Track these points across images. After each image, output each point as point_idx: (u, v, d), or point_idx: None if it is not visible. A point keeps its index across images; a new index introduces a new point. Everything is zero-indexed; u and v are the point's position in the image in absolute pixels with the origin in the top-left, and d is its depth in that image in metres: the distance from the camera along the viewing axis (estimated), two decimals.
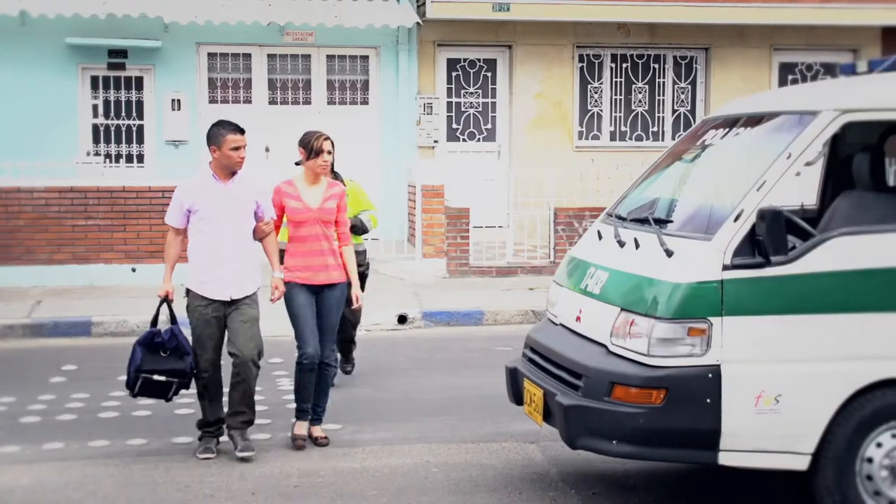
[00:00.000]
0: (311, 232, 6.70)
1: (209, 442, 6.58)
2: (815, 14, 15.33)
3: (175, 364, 6.50)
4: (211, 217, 6.49)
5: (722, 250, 4.94)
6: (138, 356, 6.51)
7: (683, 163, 6.37)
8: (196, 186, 6.58)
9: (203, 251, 6.51)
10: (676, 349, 4.94)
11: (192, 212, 6.52)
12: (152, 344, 6.52)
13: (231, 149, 6.46)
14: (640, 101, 16.04)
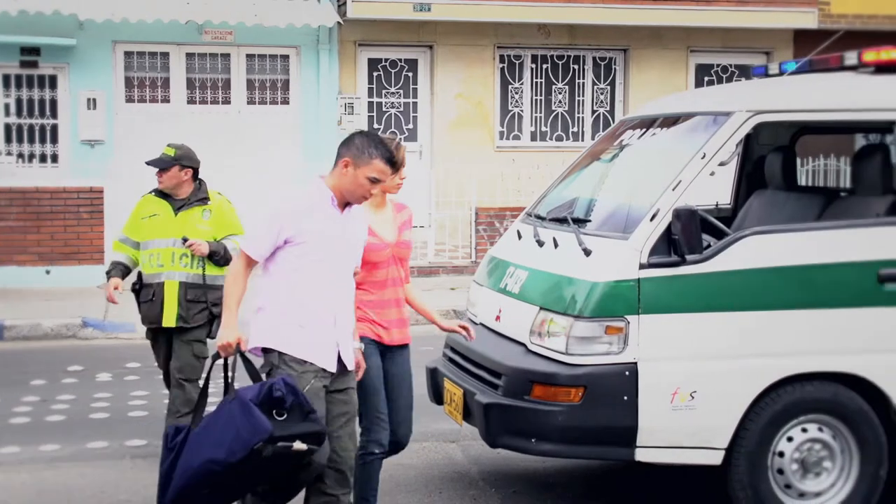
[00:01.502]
0: (389, 275, 5.16)
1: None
2: (729, 17, 15.59)
3: (308, 425, 4.45)
4: (319, 255, 4.63)
5: (638, 249, 5.00)
6: (260, 422, 4.33)
7: (602, 163, 6.44)
8: (305, 209, 4.65)
9: (302, 301, 4.63)
10: (594, 347, 4.98)
11: (290, 242, 4.61)
12: (271, 400, 4.42)
13: (369, 178, 4.63)
14: (561, 102, 16.16)
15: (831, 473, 5.11)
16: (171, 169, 6.32)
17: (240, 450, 4.31)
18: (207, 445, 4.37)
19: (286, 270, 4.64)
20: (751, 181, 6.98)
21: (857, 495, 5.08)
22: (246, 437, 4.32)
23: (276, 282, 4.67)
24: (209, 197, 6.39)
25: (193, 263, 6.20)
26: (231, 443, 4.33)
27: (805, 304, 5.04)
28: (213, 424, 4.44)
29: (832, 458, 5.11)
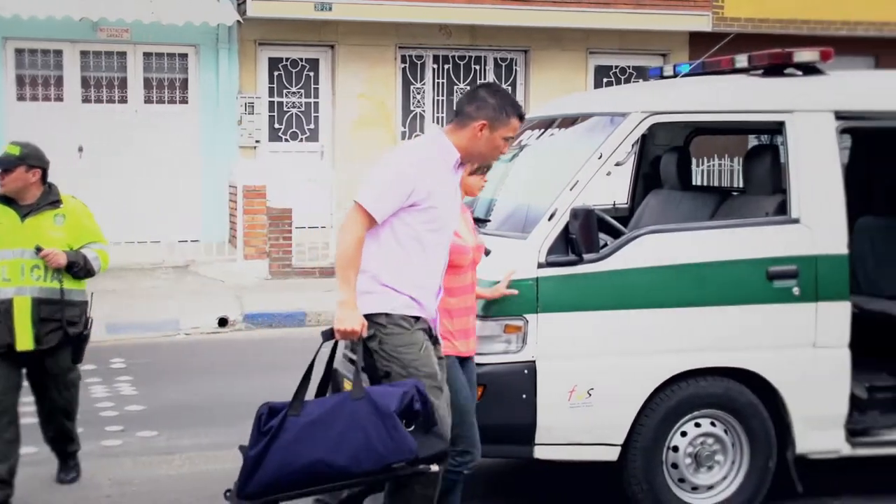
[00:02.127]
0: (468, 281, 4.76)
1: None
2: (627, 19, 15.84)
3: (437, 443, 4.15)
4: (440, 223, 4.29)
5: (537, 249, 5.04)
6: (406, 441, 4.00)
7: (501, 163, 6.45)
8: (434, 170, 4.29)
9: (416, 273, 4.30)
10: (493, 346, 5.01)
11: (415, 206, 4.23)
12: (409, 413, 4.07)
13: (505, 138, 4.44)
14: None
15: (723, 467, 5.22)
16: (16, 169, 5.55)
17: (369, 462, 3.97)
18: (322, 445, 3.97)
19: (404, 236, 4.24)
20: (647, 181, 7.10)
21: (747, 487, 5.20)
22: (383, 453, 3.96)
23: (389, 248, 4.24)
24: (61, 200, 5.70)
25: (48, 276, 5.54)
26: (358, 451, 3.96)
27: (698, 301, 5.14)
28: (329, 421, 4.01)
29: (724, 452, 5.22)
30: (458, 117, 4.43)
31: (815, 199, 5.30)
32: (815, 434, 5.27)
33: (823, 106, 5.40)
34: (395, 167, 4.27)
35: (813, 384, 5.22)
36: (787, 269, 5.17)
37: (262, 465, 4.01)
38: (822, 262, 5.22)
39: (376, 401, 4.01)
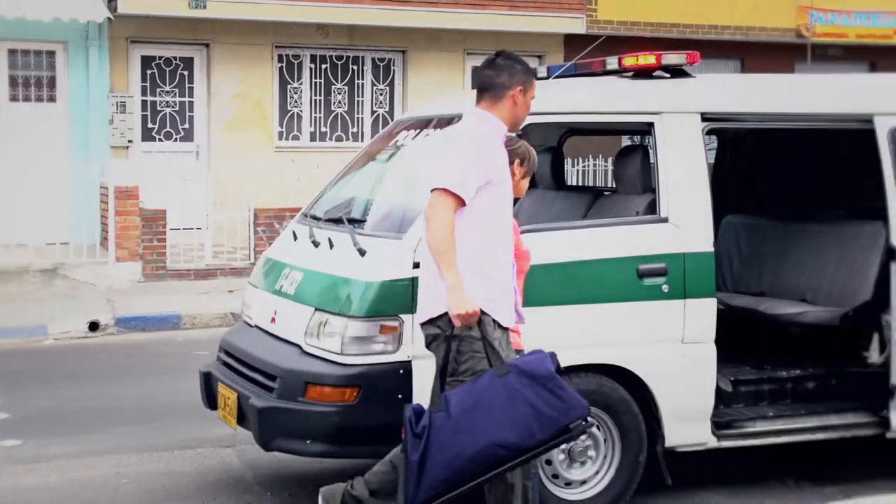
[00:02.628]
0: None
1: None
2: (503, 20, 15.99)
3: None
4: (506, 197, 4.31)
5: (412, 248, 5.03)
6: (576, 398, 4.13)
7: (378, 163, 6.47)
8: (495, 143, 4.36)
9: (493, 250, 4.28)
10: (369, 347, 4.99)
11: (490, 183, 4.24)
12: (559, 373, 4.21)
13: (532, 98, 4.55)
14: (340, 102, 16.16)
15: (596, 462, 5.30)
16: None
17: (544, 430, 3.95)
18: (488, 429, 3.91)
19: (480, 216, 4.20)
20: None
21: (618, 481, 5.30)
22: (556, 416, 3.95)
23: (467, 230, 4.19)
24: None
25: None
26: (529, 423, 3.93)
27: (571, 299, 5.21)
28: (485, 404, 3.96)
29: (596, 447, 5.30)
30: (489, 91, 4.46)
31: (683, 199, 5.43)
32: (683, 427, 5.40)
33: (690, 107, 5.55)
34: (468, 147, 4.26)
35: (681, 379, 5.36)
36: (656, 266, 5.29)
37: (427, 469, 3.95)
38: (689, 260, 5.36)
39: (528, 369, 4.00)
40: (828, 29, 17.67)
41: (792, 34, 17.65)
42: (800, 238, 6.83)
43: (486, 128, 4.40)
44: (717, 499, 5.71)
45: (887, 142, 5.81)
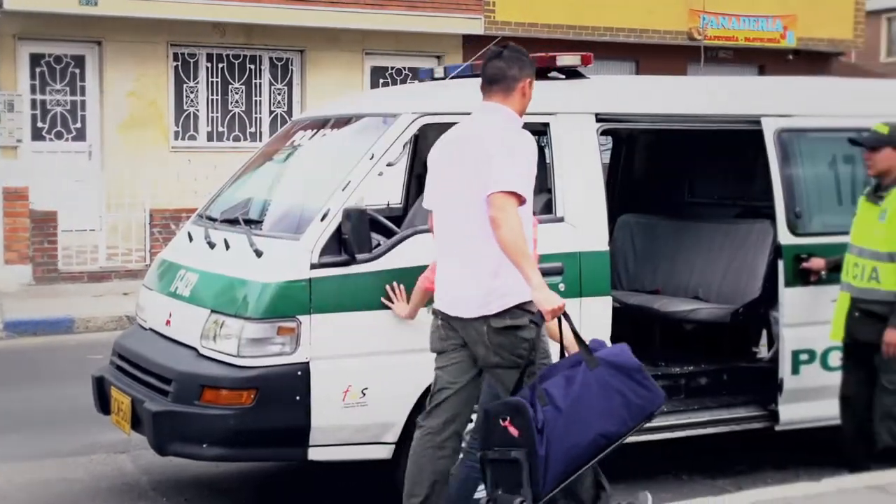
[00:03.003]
0: None
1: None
2: (403, 21, 16.01)
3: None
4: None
5: (310, 249, 5.02)
6: (657, 389, 4.31)
7: (275, 163, 6.42)
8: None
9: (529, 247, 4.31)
10: (266, 349, 4.95)
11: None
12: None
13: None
14: (238, 102, 15.98)
15: None
16: None
17: (634, 418, 4.17)
18: (592, 420, 4.10)
19: (524, 211, 4.26)
20: (420, 181, 7.17)
21: None
22: (643, 405, 4.19)
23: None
24: None
25: None
26: (622, 413, 4.14)
27: None
28: (585, 398, 4.14)
29: None
30: (500, 84, 4.45)
31: (579, 198, 5.50)
32: None
33: (585, 108, 5.62)
34: (522, 146, 4.29)
35: None
36: (552, 266, 5.34)
37: (549, 462, 4.08)
38: (585, 259, 5.43)
39: (617, 362, 4.23)
40: (719, 32, 18.10)
41: (684, 37, 18.03)
42: (693, 237, 6.97)
43: (514, 123, 4.44)
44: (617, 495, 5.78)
45: (774, 142, 5.97)
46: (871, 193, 5.74)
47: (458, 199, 4.39)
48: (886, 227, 5.55)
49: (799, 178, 6.03)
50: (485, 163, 4.27)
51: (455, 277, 4.43)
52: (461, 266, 4.41)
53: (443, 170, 4.52)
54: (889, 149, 5.60)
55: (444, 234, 4.50)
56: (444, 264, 4.52)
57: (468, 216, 4.33)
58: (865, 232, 5.66)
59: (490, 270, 4.30)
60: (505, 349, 4.33)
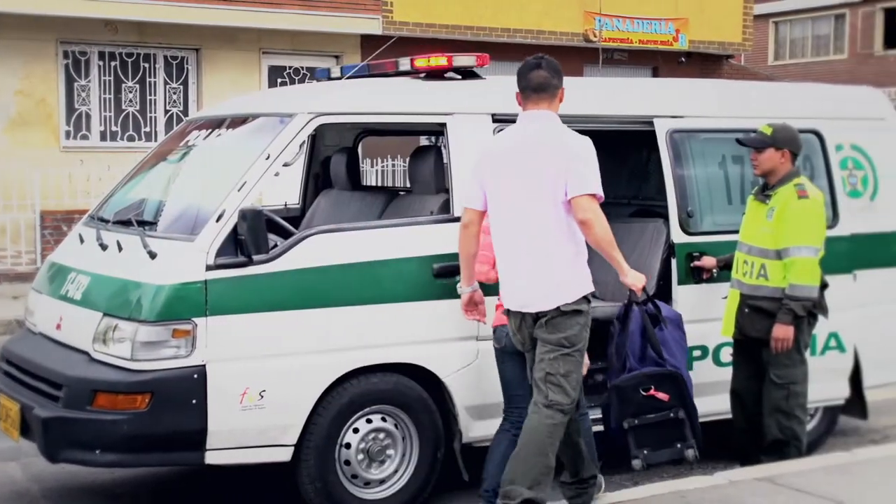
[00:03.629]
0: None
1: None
2: (300, 20, 15.89)
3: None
4: None
5: (205, 251, 4.96)
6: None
7: (169, 164, 6.32)
8: None
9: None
10: (161, 352, 4.88)
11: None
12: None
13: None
14: (132, 101, 15.67)
15: (394, 460, 5.35)
16: None
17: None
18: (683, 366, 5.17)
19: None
20: (318, 181, 7.16)
21: (417, 479, 5.36)
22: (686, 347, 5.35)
23: (570, 233, 4.66)
24: None
25: None
26: (683, 359, 5.24)
27: (368, 299, 5.23)
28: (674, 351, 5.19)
29: (395, 446, 5.35)
30: (546, 92, 4.77)
31: None
32: (480, 423, 5.50)
33: (481, 109, 5.66)
34: (590, 149, 4.67)
35: (476, 376, 5.45)
36: (451, 265, 5.36)
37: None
38: None
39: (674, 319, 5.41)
40: (613, 34, 18.37)
41: (580, 38, 18.26)
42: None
43: (567, 129, 4.77)
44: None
45: (666, 143, 6.09)
46: (758, 192, 5.89)
47: (535, 201, 4.63)
48: (774, 225, 5.70)
49: (691, 177, 6.16)
50: (563, 168, 4.59)
51: (529, 273, 4.69)
52: (534, 262, 4.67)
53: (509, 174, 4.71)
54: (772, 149, 5.75)
55: (515, 233, 4.72)
56: (515, 262, 4.74)
57: (546, 215, 4.63)
58: (754, 230, 5.81)
59: (566, 264, 4.67)
60: (562, 331, 4.65)
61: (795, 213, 5.66)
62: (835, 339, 6.44)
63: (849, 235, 6.51)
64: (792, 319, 5.63)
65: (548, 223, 4.64)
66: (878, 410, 7.35)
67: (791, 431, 5.76)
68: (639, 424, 5.02)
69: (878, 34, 31.63)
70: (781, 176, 5.77)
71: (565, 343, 4.64)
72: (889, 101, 7.21)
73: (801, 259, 5.61)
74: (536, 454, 4.59)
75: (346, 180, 6.67)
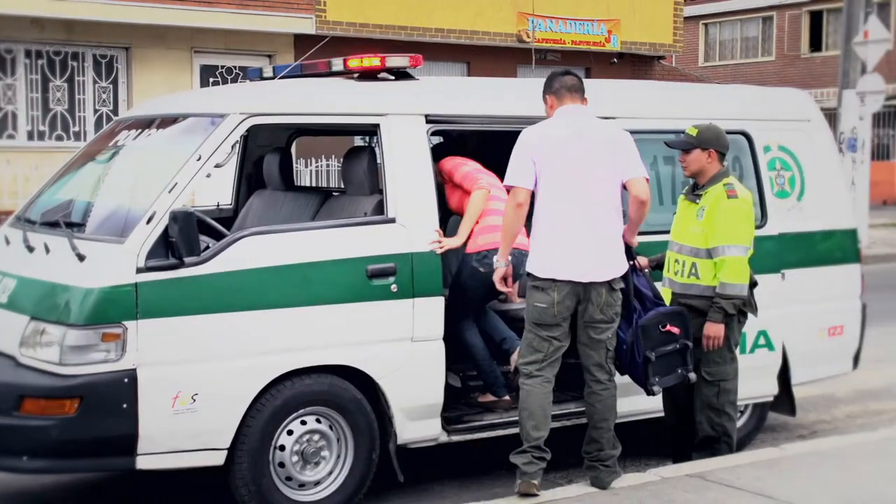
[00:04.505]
0: None
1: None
2: (232, 19, 15.78)
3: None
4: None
5: (135, 253, 4.89)
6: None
7: (98, 164, 6.22)
8: None
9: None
10: (90, 356, 4.80)
11: None
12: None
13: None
14: (60, 100, 15.44)
15: (329, 462, 5.32)
16: None
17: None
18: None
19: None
20: (250, 182, 7.09)
21: (352, 480, 5.33)
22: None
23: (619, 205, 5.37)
24: None
25: None
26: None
27: (301, 301, 5.19)
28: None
29: (329, 447, 5.32)
30: (581, 92, 5.49)
31: (410, 200, 5.52)
32: (415, 424, 5.49)
33: (414, 109, 5.65)
34: (632, 139, 5.43)
35: (411, 377, 5.45)
36: (385, 267, 5.35)
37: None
38: (417, 260, 5.46)
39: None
40: (546, 35, 18.51)
41: (514, 39, 18.36)
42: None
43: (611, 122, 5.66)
44: (450, 491, 5.85)
45: None
46: (689, 192, 5.96)
47: (596, 182, 5.27)
48: (704, 224, 5.78)
49: None
50: (620, 153, 5.32)
51: (588, 247, 5.25)
52: (595, 238, 5.27)
53: (572, 157, 5.27)
54: (698, 150, 5.83)
55: (575, 210, 5.25)
56: (573, 236, 5.25)
57: (604, 195, 5.28)
58: (685, 229, 5.88)
59: (619, 239, 5.36)
60: (612, 307, 5.33)
61: (725, 213, 5.74)
62: (764, 337, 6.54)
63: (777, 235, 6.63)
64: (722, 318, 5.71)
65: (607, 202, 5.28)
66: (806, 407, 7.51)
67: (722, 428, 5.84)
68: (657, 356, 5.54)
69: (804, 37, 32.26)
70: (710, 176, 5.85)
71: (614, 318, 5.35)
72: (815, 103, 7.35)
73: (731, 258, 5.69)
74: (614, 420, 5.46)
75: (280, 181, 6.61)
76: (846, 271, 6.99)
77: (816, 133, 6.99)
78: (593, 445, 5.44)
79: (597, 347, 5.35)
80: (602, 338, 5.34)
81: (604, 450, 5.40)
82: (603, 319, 5.31)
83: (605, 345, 5.35)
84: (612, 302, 5.32)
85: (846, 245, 7.03)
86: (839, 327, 6.92)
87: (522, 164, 5.26)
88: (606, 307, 5.29)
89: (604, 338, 5.34)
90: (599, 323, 5.31)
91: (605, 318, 5.31)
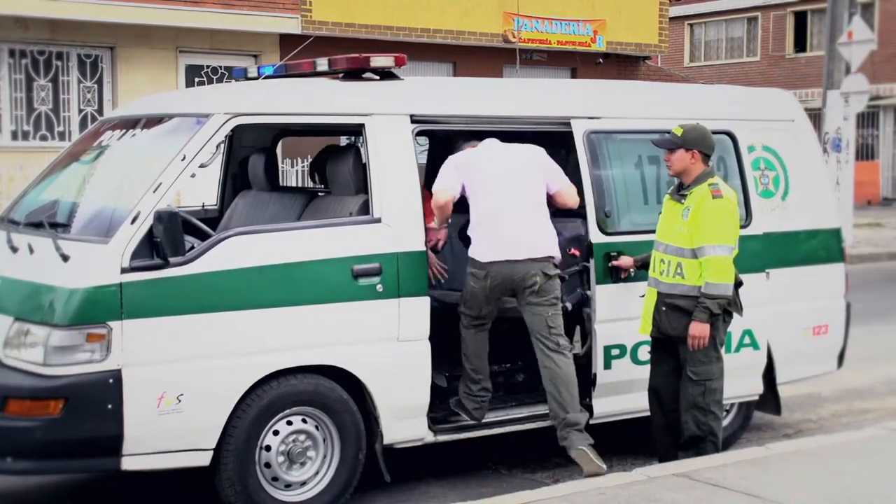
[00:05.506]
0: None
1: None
2: (218, 19, 15.73)
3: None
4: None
5: (120, 253, 4.88)
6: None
7: (82, 164, 6.20)
8: None
9: None
10: (75, 357, 4.79)
11: None
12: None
13: None
14: (44, 100, 15.37)
15: (315, 462, 5.32)
16: None
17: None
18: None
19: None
20: (236, 182, 7.07)
21: (338, 480, 5.33)
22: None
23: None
24: None
25: None
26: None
27: (287, 301, 5.19)
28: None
29: (316, 448, 5.32)
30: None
31: (395, 199, 5.52)
32: (401, 424, 5.49)
33: (399, 110, 5.65)
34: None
35: (397, 377, 5.45)
36: (370, 266, 5.35)
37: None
38: (402, 260, 5.46)
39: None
40: (532, 35, 18.51)
41: (499, 39, 18.36)
42: None
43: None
44: (437, 491, 5.85)
45: (583, 143, 6.14)
46: (674, 192, 5.97)
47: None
48: (689, 224, 5.79)
49: (608, 178, 6.22)
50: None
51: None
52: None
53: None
54: (682, 150, 5.84)
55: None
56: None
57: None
58: (670, 229, 5.89)
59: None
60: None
61: (710, 213, 5.75)
62: (749, 336, 6.56)
63: (761, 234, 6.65)
64: (708, 317, 5.72)
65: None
66: (791, 406, 7.54)
67: (708, 427, 5.86)
68: (569, 274, 6.02)
69: (789, 37, 32.36)
70: (695, 176, 5.86)
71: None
72: (799, 103, 7.37)
73: (716, 258, 5.71)
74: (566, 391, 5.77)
75: (265, 181, 6.60)
76: (831, 271, 7.02)
77: (801, 133, 7.02)
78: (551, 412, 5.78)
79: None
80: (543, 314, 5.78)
81: (568, 413, 5.67)
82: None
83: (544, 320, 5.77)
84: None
85: (830, 244, 7.06)
86: (824, 326, 6.95)
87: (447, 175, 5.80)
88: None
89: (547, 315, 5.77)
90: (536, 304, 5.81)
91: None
